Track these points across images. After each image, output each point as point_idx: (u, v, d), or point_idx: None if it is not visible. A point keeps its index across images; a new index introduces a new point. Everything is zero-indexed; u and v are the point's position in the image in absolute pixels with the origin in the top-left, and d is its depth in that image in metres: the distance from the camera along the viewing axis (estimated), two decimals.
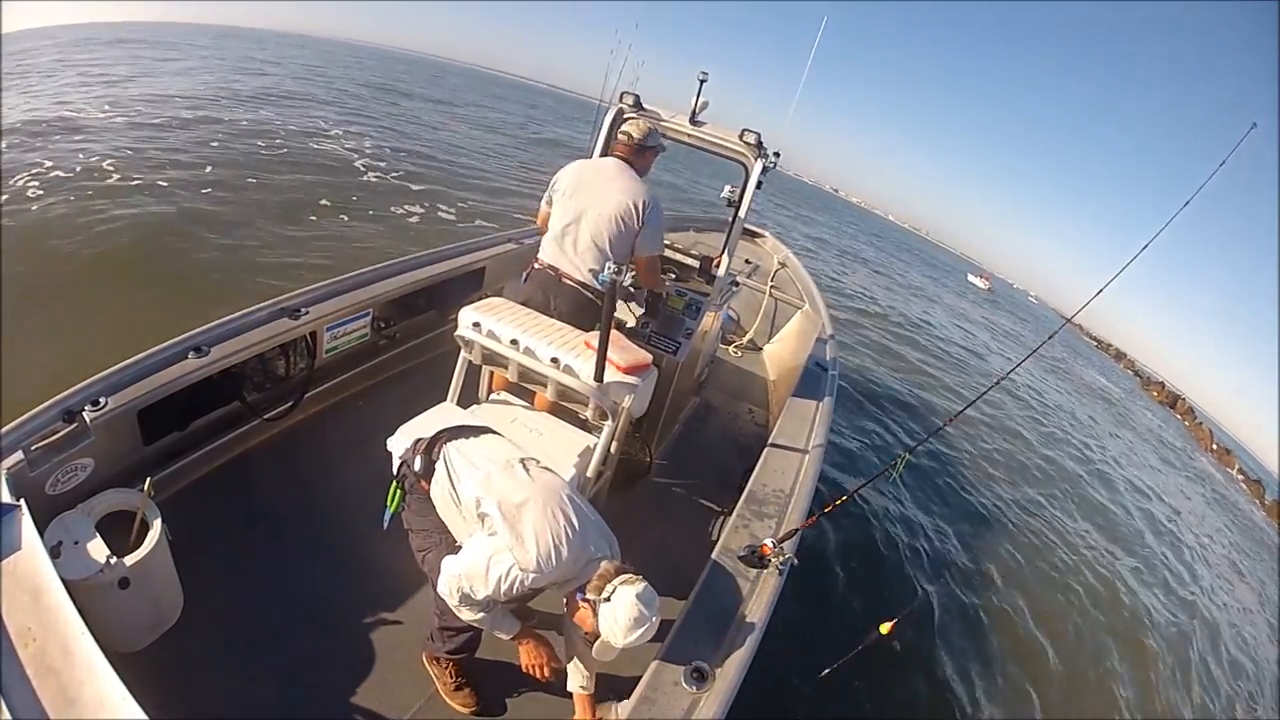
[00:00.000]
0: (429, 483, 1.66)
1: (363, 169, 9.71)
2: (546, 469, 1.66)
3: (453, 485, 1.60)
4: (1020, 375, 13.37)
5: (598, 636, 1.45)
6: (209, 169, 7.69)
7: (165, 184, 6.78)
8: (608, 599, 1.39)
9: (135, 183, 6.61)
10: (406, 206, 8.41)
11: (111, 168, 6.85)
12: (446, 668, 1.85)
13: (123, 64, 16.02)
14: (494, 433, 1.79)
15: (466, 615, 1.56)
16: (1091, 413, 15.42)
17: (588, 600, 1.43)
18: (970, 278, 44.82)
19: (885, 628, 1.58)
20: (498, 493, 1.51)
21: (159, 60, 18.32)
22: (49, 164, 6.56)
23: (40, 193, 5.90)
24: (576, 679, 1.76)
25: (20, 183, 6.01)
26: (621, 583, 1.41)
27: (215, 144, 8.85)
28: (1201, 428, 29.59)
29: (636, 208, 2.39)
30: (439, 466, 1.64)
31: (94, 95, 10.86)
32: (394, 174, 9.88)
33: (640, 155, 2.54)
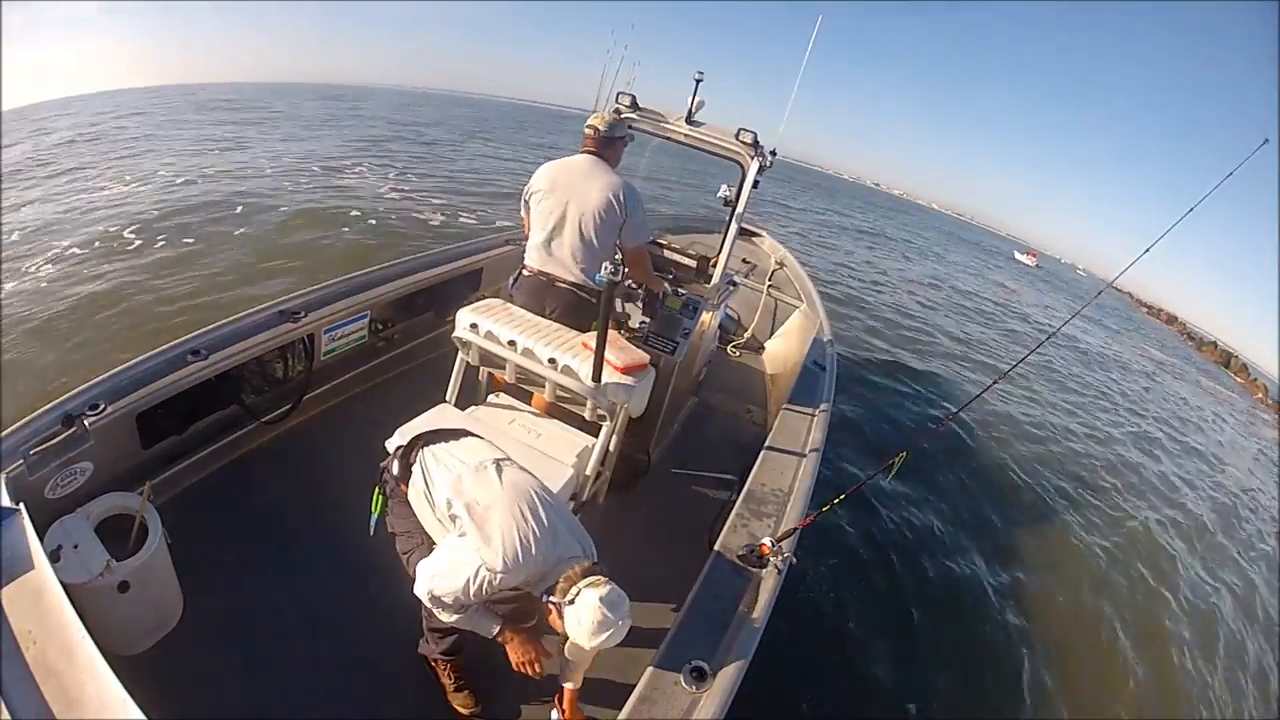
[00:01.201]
0: (407, 486, 1.67)
1: None
2: (520, 469, 1.65)
3: (427, 488, 1.60)
4: (1078, 344, 13.19)
5: (564, 638, 1.46)
6: None
7: None
8: (571, 601, 1.38)
9: None
10: None
11: None
12: (444, 669, 1.86)
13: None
14: (472, 435, 1.78)
15: (443, 616, 1.56)
16: (1150, 377, 15.06)
17: (553, 603, 1.42)
18: (1017, 255, 44.45)
19: None
20: (467, 494, 1.51)
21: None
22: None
23: None
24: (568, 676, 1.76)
25: None
26: (587, 585, 1.38)
27: None
28: (1256, 383, 29.47)
29: (616, 200, 2.37)
30: (415, 470, 1.65)
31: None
32: None
33: (608, 147, 2.51)
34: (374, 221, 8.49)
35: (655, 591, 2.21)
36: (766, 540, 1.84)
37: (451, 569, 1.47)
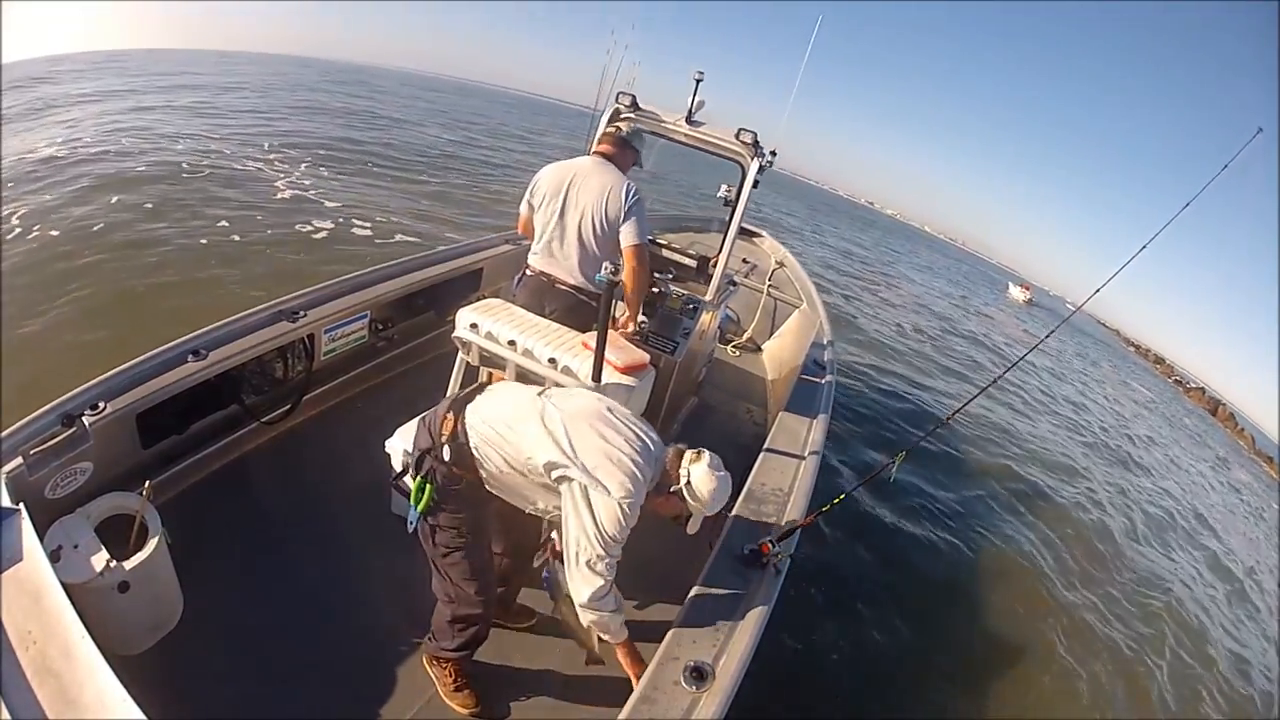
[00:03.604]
0: (469, 469, 1.57)
1: None
2: (570, 393, 1.65)
3: (506, 462, 1.53)
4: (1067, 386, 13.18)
5: (686, 517, 1.59)
6: None
7: None
8: (688, 483, 1.52)
9: None
10: None
11: None
12: (447, 668, 1.85)
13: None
14: (488, 386, 1.72)
15: (600, 602, 1.52)
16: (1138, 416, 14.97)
17: (671, 492, 1.54)
18: (1011, 289, 43.95)
19: None
20: (564, 448, 1.47)
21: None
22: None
23: None
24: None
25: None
26: (689, 463, 1.54)
27: None
28: (1244, 434, 29.19)
29: (617, 198, 2.37)
30: (479, 446, 1.55)
31: None
32: None
33: (622, 151, 2.54)
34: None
35: (655, 591, 2.21)
36: (767, 540, 1.84)
37: (600, 531, 1.46)
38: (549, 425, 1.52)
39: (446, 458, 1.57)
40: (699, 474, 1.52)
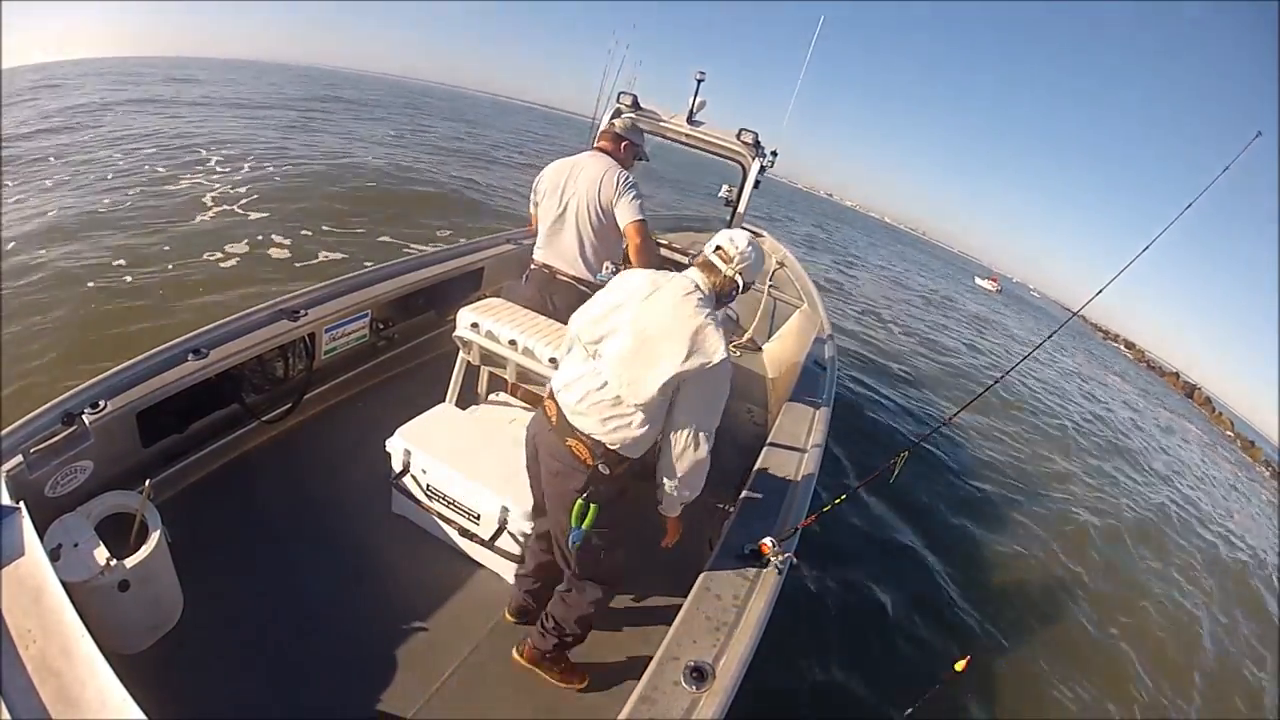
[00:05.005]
0: (619, 462, 1.58)
1: None
2: (605, 331, 1.58)
3: (644, 413, 1.53)
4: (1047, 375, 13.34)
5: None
6: None
7: None
8: (739, 272, 1.59)
9: None
10: None
11: None
12: (564, 662, 1.92)
13: None
14: (550, 396, 1.66)
15: (700, 473, 1.61)
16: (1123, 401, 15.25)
17: (737, 296, 1.65)
18: (978, 280, 43.85)
19: (960, 665, 1.56)
20: (672, 358, 1.48)
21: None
22: None
23: None
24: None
25: None
26: (726, 264, 1.58)
27: None
28: (1222, 418, 29.38)
29: (610, 183, 2.41)
30: (614, 442, 1.54)
31: None
32: None
33: (618, 145, 2.58)
34: None
35: (655, 591, 2.21)
36: (767, 540, 1.83)
37: (725, 385, 1.54)
38: (640, 369, 1.50)
39: (608, 472, 1.58)
40: (746, 269, 1.60)
